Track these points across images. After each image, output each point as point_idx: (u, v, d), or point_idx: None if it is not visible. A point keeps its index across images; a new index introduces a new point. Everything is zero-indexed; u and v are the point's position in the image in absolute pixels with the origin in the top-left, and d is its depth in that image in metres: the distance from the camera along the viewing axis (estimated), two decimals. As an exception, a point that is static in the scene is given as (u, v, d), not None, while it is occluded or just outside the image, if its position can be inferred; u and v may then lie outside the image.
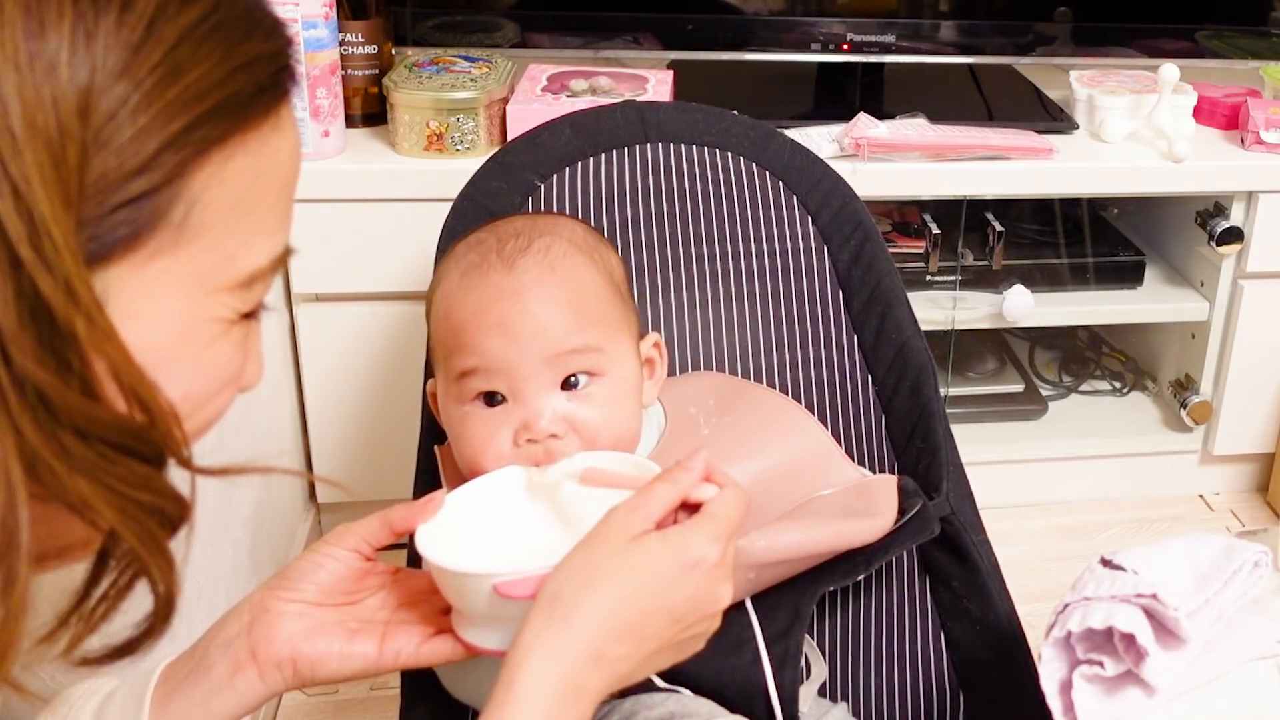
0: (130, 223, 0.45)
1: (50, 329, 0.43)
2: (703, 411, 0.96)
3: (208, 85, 0.46)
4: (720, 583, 0.69)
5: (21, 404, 0.42)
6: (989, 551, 1.05)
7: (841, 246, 1.12)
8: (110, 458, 0.45)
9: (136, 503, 0.47)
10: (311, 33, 1.44)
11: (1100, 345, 2.06)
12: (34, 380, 0.42)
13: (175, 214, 0.46)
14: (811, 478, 0.94)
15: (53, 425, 0.43)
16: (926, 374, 1.07)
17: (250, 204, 0.49)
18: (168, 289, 0.47)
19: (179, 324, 0.48)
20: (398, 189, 1.51)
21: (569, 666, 0.64)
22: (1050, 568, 1.72)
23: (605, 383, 0.84)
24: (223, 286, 0.49)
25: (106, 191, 0.44)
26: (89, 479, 0.45)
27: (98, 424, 0.45)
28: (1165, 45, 1.87)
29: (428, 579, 0.77)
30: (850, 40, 1.76)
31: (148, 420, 0.47)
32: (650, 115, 1.15)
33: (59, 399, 0.43)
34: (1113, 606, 0.81)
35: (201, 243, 0.47)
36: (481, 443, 0.83)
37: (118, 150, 0.44)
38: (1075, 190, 1.70)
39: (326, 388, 1.61)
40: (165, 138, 0.45)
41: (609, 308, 0.87)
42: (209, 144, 0.46)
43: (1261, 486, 1.93)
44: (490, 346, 0.81)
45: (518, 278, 0.83)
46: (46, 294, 0.42)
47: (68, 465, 0.44)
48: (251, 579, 1.41)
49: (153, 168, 0.45)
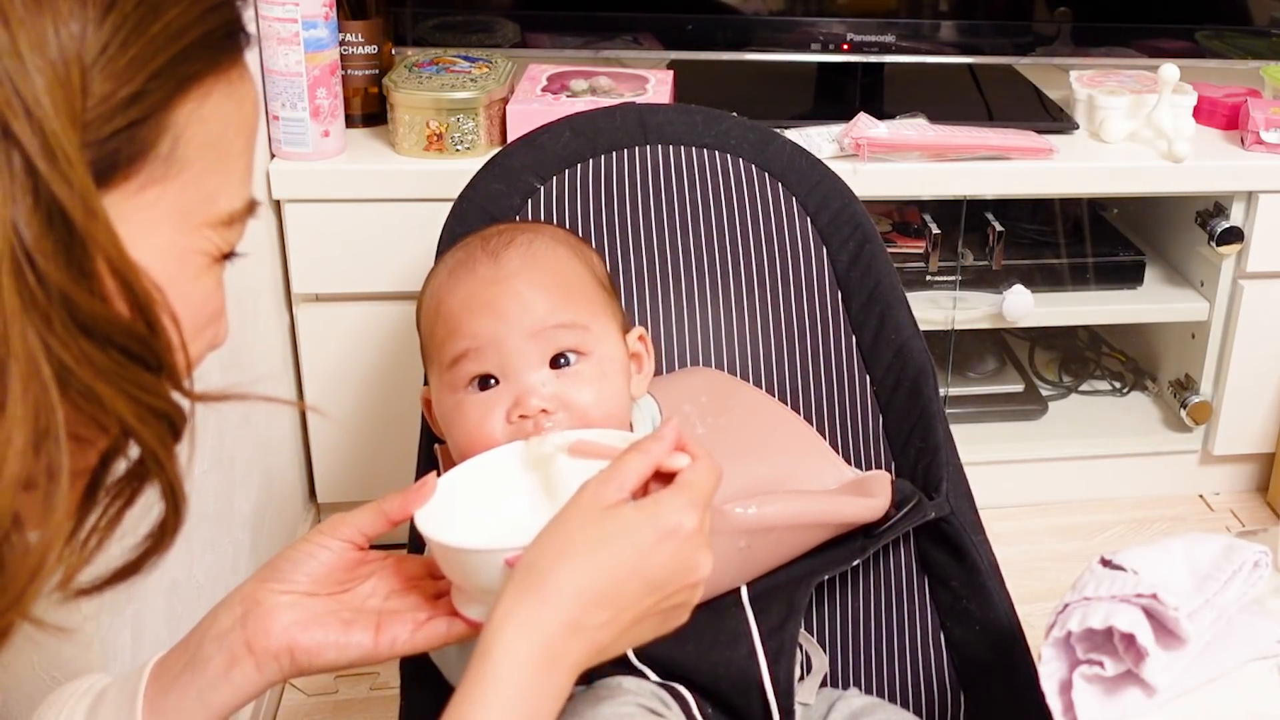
0: (125, 148, 0.49)
1: (69, 236, 0.46)
2: (696, 409, 0.97)
3: (185, 23, 0.50)
4: (698, 550, 0.69)
5: (49, 307, 0.46)
6: (989, 551, 1.05)
7: (841, 247, 1.12)
8: (122, 363, 0.49)
9: (149, 407, 0.50)
10: (311, 33, 1.44)
11: (1100, 345, 2.06)
12: (57, 284, 0.46)
13: (162, 146, 0.50)
14: (807, 481, 0.95)
15: (74, 330, 0.47)
16: (926, 375, 1.08)
17: (224, 146, 0.54)
18: (159, 218, 0.51)
19: (171, 252, 0.52)
20: (398, 189, 1.51)
21: (546, 635, 0.64)
22: (1050, 568, 1.72)
23: (592, 361, 0.86)
24: (204, 222, 0.53)
25: (104, 117, 0.47)
26: (108, 383, 0.48)
27: (111, 327, 0.48)
28: (1165, 45, 1.87)
29: (417, 565, 0.78)
30: (850, 40, 1.76)
31: (150, 329, 0.50)
32: (650, 117, 1.15)
33: (80, 302, 0.46)
34: (1113, 606, 0.82)
35: (186, 178, 0.52)
36: (476, 424, 0.84)
37: (113, 76, 0.48)
38: (1075, 190, 1.70)
39: (326, 388, 1.61)
40: (152, 69, 0.49)
41: (592, 293, 0.90)
42: (189, 79, 0.51)
43: (1261, 486, 1.94)
44: (479, 327, 0.85)
45: (503, 266, 0.87)
46: (64, 202, 0.45)
47: (91, 371, 0.47)
48: (252, 579, 1.41)
49: (142, 96, 0.49)
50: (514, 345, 0.84)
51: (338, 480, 1.67)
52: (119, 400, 0.49)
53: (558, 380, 0.85)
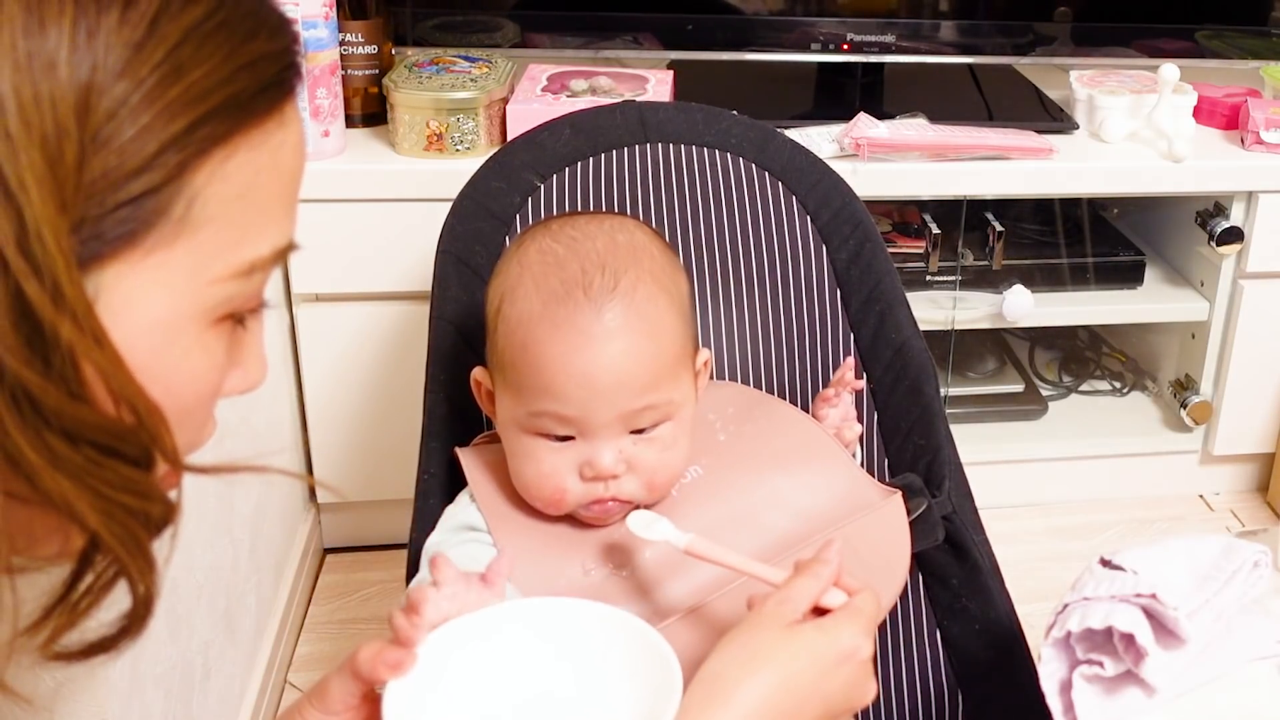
0: (130, 220, 0.44)
1: (37, 332, 0.42)
2: (721, 419, 0.96)
3: (211, 85, 0.46)
4: (869, 678, 0.71)
5: (8, 403, 0.42)
6: (989, 551, 1.05)
7: (840, 246, 1.12)
8: (97, 460, 0.45)
9: (120, 505, 0.46)
10: (311, 33, 1.44)
11: (1100, 345, 2.06)
12: (21, 381, 0.42)
13: (175, 210, 0.46)
14: (827, 490, 0.93)
15: (39, 426, 0.43)
16: (927, 374, 1.08)
17: (252, 198, 0.49)
18: (160, 283, 0.46)
19: (164, 322, 0.47)
20: (398, 189, 1.51)
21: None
22: (1050, 568, 1.72)
23: (669, 426, 0.86)
24: (221, 276, 0.48)
25: (106, 191, 0.43)
26: (73, 481, 0.45)
27: (85, 426, 0.44)
28: (1165, 45, 1.87)
29: None
30: (850, 40, 1.76)
31: (135, 421, 0.46)
32: (650, 115, 1.15)
33: (46, 400, 0.43)
34: (1112, 606, 0.82)
35: (201, 236, 0.47)
36: (549, 474, 0.85)
37: (118, 150, 0.43)
38: (1075, 190, 1.70)
39: (326, 388, 1.61)
40: (167, 137, 0.44)
41: (681, 346, 0.87)
42: (211, 143, 0.46)
43: (1261, 486, 1.93)
44: (571, 396, 0.83)
45: (604, 325, 0.83)
46: (32, 298, 0.42)
47: (53, 466, 0.44)
48: (251, 579, 1.41)
49: (154, 167, 0.44)
50: (602, 420, 0.84)
51: (338, 480, 1.67)
52: (83, 498, 0.45)
53: (634, 445, 0.85)
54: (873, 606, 0.73)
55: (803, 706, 0.67)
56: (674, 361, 0.87)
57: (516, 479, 0.88)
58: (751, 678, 0.66)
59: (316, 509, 1.72)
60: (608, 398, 0.83)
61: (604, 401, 0.83)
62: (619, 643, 0.68)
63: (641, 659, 0.67)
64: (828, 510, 0.91)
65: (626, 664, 0.68)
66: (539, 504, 0.87)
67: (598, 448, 0.84)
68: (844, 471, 0.94)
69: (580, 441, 0.85)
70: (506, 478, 0.90)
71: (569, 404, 0.83)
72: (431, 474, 1.01)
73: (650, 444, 0.86)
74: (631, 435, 0.85)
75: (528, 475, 0.86)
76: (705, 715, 0.65)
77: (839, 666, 0.69)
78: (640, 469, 0.85)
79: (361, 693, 0.67)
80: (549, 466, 0.85)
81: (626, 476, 0.85)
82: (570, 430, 0.84)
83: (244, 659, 1.38)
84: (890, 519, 0.92)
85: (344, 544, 1.75)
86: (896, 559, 0.91)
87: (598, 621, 0.70)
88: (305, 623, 1.61)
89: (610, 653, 0.69)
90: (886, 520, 0.92)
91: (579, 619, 0.70)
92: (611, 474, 0.84)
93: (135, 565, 0.48)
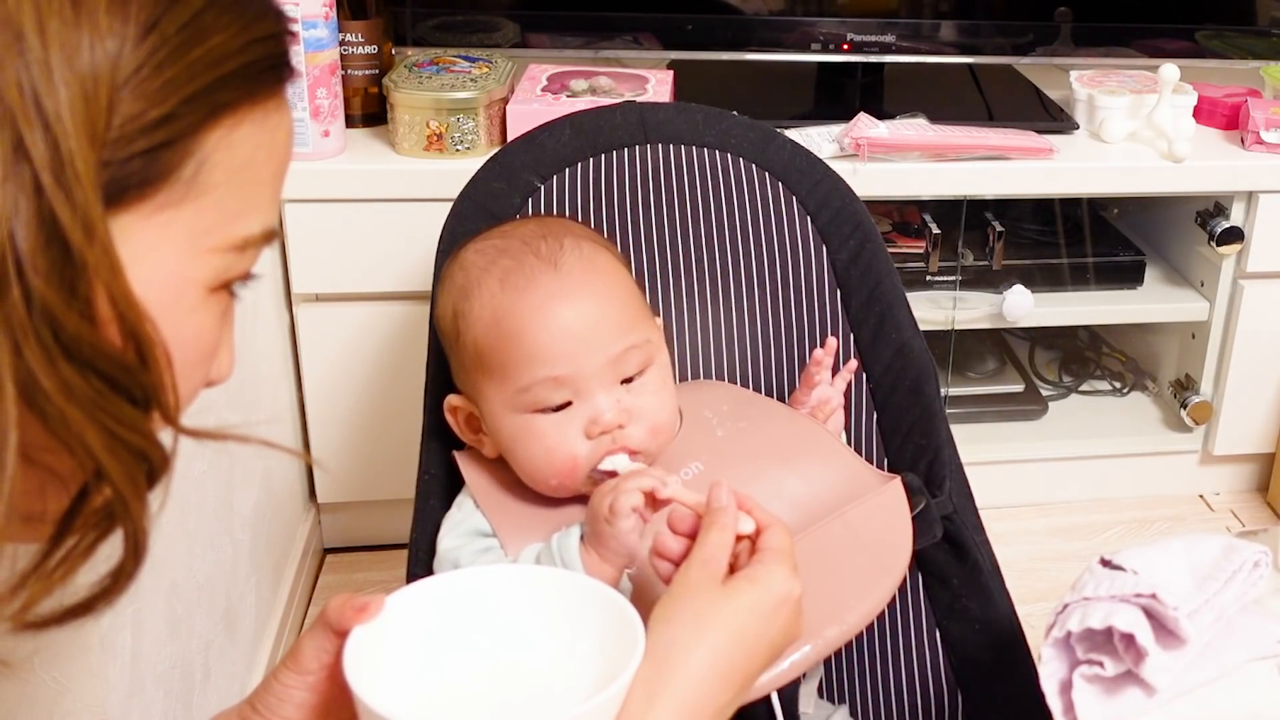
0: (145, 171, 0.48)
1: (65, 255, 0.45)
2: (716, 415, 0.97)
3: (226, 52, 0.50)
4: (800, 613, 0.73)
5: (29, 323, 0.45)
6: (989, 551, 1.05)
7: (840, 246, 1.12)
8: (103, 393, 0.47)
9: (125, 443, 0.49)
10: (311, 33, 1.44)
11: (1100, 345, 2.06)
12: (43, 300, 0.45)
13: (186, 170, 0.49)
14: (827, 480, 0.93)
15: (54, 351, 0.46)
16: (928, 374, 1.08)
17: (252, 173, 0.53)
18: (167, 241, 0.50)
19: (170, 280, 0.50)
20: (398, 189, 1.51)
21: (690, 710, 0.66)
22: (1050, 568, 1.72)
23: (654, 369, 0.89)
24: (217, 246, 0.52)
25: (128, 138, 0.47)
26: (83, 411, 0.47)
27: (96, 354, 0.47)
28: (1165, 45, 1.87)
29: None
30: (850, 40, 1.76)
31: (140, 361, 0.49)
32: (650, 116, 1.15)
33: (66, 324, 0.46)
34: (1112, 606, 0.82)
35: (205, 201, 0.51)
36: (556, 444, 0.86)
37: (144, 97, 0.47)
38: (1075, 190, 1.70)
39: (326, 388, 1.61)
40: (186, 94, 0.48)
41: (638, 297, 0.92)
42: (223, 108, 0.50)
43: (1261, 486, 1.93)
44: (557, 354, 0.85)
45: (566, 276, 0.87)
46: (64, 222, 0.45)
47: (65, 396, 0.46)
48: (251, 578, 1.41)
49: (172, 120, 0.48)
50: (594, 373, 0.86)
51: (337, 480, 1.67)
52: (91, 430, 0.47)
53: (629, 395, 0.87)
54: (788, 542, 0.74)
55: (753, 658, 0.69)
56: (638, 304, 0.91)
57: (524, 467, 0.88)
58: (701, 643, 0.68)
59: (316, 509, 1.72)
60: (591, 344, 0.85)
61: (588, 349, 0.85)
62: (593, 613, 0.70)
63: (614, 630, 0.68)
64: (828, 499, 0.92)
65: (598, 635, 0.69)
66: (553, 481, 0.87)
67: (596, 403, 0.86)
68: (842, 461, 0.95)
69: (577, 404, 0.86)
70: (506, 478, 0.90)
71: (557, 363, 0.85)
72: (432, 474, 1.01)
73: (643, 390, 0.88)
74: (623, 386, 0.87)
75: (535, 455, 0.87)
76: (663, 686, 0.66)
77: (777, 611, 0.71)
78: (641, 415, 0.87)
79: (334, 649, 0.68)
80: (554, 438, 0.86)
81: (631, 425, 0.87)
82: (565, 393, 0.86)
83: (244, 659, 1.38)
84: (890, 503, 0.93)
85: (344, 544, 1.75)
86: (899, 542, 0.91)
87: (576, 591, 0.71)
88: (305, 623, 1.61)
89: (584, 623, 0.70)
90: (887, 505, 0.92)
91: (560, 587, 0.72)
92: (617, 423, 0.86)
93: (135, 506, 0.50)
